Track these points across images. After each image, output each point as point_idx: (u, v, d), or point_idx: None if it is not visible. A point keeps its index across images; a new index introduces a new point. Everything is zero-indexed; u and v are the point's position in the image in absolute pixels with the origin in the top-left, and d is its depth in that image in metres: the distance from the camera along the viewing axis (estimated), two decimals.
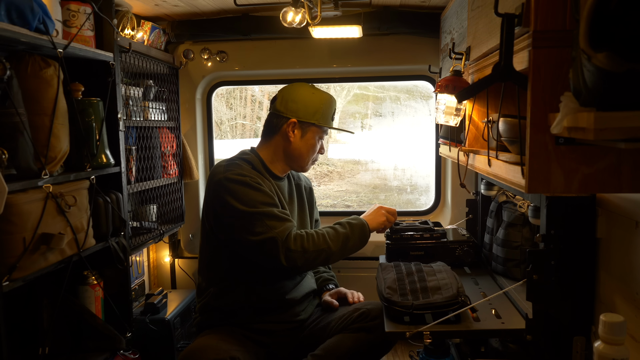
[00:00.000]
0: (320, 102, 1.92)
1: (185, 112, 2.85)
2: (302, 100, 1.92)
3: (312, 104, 1.92)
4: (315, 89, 1.96)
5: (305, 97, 1.93)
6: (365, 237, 1.88)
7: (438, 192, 2.90)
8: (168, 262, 2.91)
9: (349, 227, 1.85)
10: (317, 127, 1.92)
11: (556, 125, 0.82)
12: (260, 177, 1.84)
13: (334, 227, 1.85)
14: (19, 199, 1.46)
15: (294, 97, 1.94)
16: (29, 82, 1.54)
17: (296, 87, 1.97)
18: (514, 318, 1.49)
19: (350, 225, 1.86)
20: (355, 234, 1.85)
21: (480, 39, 1.45)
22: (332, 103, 1.97)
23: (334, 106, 1.98)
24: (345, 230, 1.84)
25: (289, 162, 1.97)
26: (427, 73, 2.64)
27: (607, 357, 0.95)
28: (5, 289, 1.42)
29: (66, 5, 1.76)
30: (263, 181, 1.83)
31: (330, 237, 1.80)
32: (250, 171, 1.83)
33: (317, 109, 1.91)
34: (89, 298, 1.94)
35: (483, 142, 1.54)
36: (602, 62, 0.65)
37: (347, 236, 1.83)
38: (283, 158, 1.96)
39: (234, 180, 1.77)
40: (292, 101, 1.93)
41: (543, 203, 1.38)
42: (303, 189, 2.11)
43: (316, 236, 1.78)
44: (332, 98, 1.97)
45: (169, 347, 2.38)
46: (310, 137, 1.93)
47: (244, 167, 1.83)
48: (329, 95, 1.97)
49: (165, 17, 2.57)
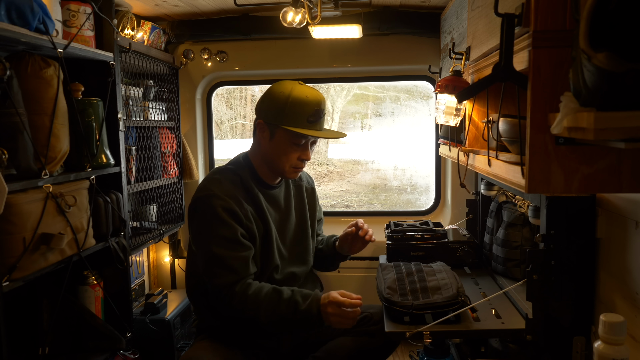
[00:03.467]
0: (286, 101, 1.65)
1: (185, 112, 2.85)
2: (270, 98, 1.70)
3: (278, 104, 1.66)
4: (293, 87, 1.67)
5: (274, 96, 1.68)
6: (312, 326, 1.60)
7: (438, 192, 2.90)
8: (168, 262, 2.91)
9: (293, 310, 1.58)
10: (284, 130, 1.66)
11: (556, 125, 0.82)
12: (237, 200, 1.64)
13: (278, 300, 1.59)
14: (19, 199, 1.46)
15: (265, 95, 1.73)
16: (29, 82, 1.54)
17: (276, 84, 1.73)
18: (514, 318, 1.49)
19: (296, 309, 1.58)
20: (299, 320, 1.58)
21: (480, 39, 1.45)
22: (306, 104, 1.65)
23: (310, 107, 1.65)
24: (286, 312, 1.58)
25: (269, 167, 1.76)
26: (427, 73, 2.64)
27: (607, 357, 0.95)
28: (5, 289, 1.42)
29: (66, 5, 1.77)
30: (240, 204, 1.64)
31: (266, 311, 1.58)
32: (230, 190, 1.65)
33: (281, 109, 1.65)
34: (89, 298, 1.94)
35: (483, 142, 1.54)
36: (602, 62, 0.65)
37: (286, 319, 1.59)
38: (263, 163, 1.76)
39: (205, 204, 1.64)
40: (261, 99, 1.74)
41: (543, 203, 1.38)
42: (304, 190, 1.93)
43: (251, 300, 1.58)
44: (307, 98, 1.66)
45: (169, 347, 2.38)
46: (280, 140, 1.68)
47: (222, 184, 1.66)
48: (305, 95, 1.66)
49: (165, 17, 2.57)
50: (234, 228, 1.61)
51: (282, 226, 1.81)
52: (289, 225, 1.84)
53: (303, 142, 1.70)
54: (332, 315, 1.55)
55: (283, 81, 1.72)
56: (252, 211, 1.68)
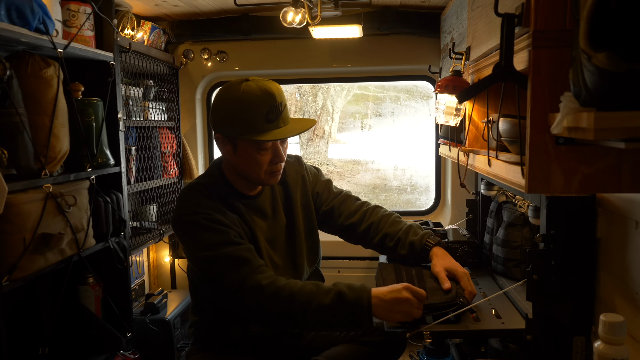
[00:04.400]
0: (236, 108, 1.46)
1: (185, 112, 2.85)
2: (219, 108, 1.51)
3: (228, 113, 1.48)
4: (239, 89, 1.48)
5: (222, 105, 1.50)
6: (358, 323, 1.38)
7: (438, 192, 2.90)
8: (168, 262, 2.91)
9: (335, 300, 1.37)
10: (244, 140, 1.49)
11: (556, 125, 0.82)
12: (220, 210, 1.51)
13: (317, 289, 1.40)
14: (19, 199, 1.46)
15: (213, 107, 1.54)
16: (29, 82, 1.54)
17: (219, 91, 1.54)
18: (514, 318, 1.48)
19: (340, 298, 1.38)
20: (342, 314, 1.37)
21: (480, 39, 1.45)
22: (259, 103, 1.46)
23: (264, 105, 1.46)
24: (327, 303, 1.37)
25: (245, 179, 1.59)
26: (427, 73, 2.64)
27: (607, 357, 0.95)
28: (5, 289, 1.42)
29: (66, 5, 1.77)
30: (223, 213, 1.51)
31: (301, 305, 1.37)
32: (208, 204, 1.51)
33: (232, 118, 1.47)
34: (89, 298, 1.94)
35: (483, 142, 1.54)
36: (602, 62, 0.65)
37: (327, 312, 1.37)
38: (237, 176, 1.60)
39: (186, 222, 1.50)
40: (212, 112, 1.54)
41: (543, 203, 1.38)
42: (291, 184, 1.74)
43: (283, 292, 1.38)
44: (260, 96, 1.46)
45: (169, 347, 2.38)
46: (243, 151, 1.51)
47: (200, 202, 1.51)
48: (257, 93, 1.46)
49: (165, 17, 2.57)
50: (224, 232, 1.47)
51: (272, 234, 1.67)
52: (279, 232, 1.69)
53: (271, 144, 1.53)
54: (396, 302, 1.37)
55: (229, 84, 1.51)
56: (238, 219, 1.56)
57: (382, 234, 1.72)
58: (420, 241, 1.65)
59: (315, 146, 4.64)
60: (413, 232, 1.69)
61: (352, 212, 1.78)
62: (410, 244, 1.66)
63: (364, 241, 1.79)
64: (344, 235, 1.82)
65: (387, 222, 1.74)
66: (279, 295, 1.39)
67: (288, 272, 1.69)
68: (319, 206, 1.80)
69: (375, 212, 1.79)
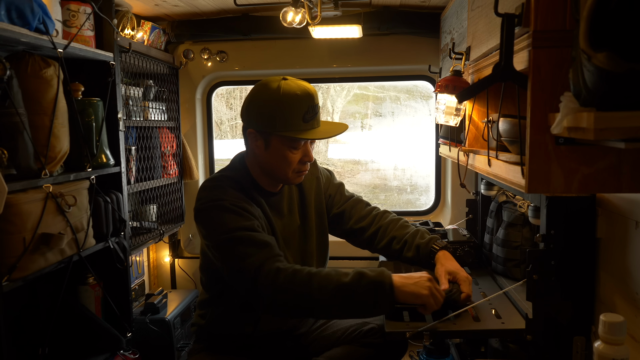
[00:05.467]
0: (277, 104, 1.49)
1: (185, 112, 2.85)
2: (257, 104, 1.54)
3: (267, 109, 1.51)
4: (280, 86, 1.52)
5: (262, 100, 1.53)
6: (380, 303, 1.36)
7: (438, 192, 2.90)
8: (168, 262, 2.91)
9: (356, 279, 1.37)
10: (279, 137, 1.52)
11: (556, 125, 0.82)
12: (246, 201, 1.53)
13: (336, 272, 1.41)
14: (19, 199, 1.46)
15: (249, 101, 1.57)
16: (29, 82, 1.54)
17: (256, 87, 1.58)
18: (514, 318, 1.48)
19: (361, 277, 1.37)
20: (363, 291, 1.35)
21: (480, 39, 1.45)
22: (299, 102, 1.50)
23: (303, 104, 1.51)
24: (347, 281, 1.36)
25: (269, 176, 1.62)
26: (427, 73, 2.64)
27: (607, 357, 0.95)
28: (5, 289, 1.42)
29: (66, 5, 1.77)
30: (249, 204, 1.53)
31: (320, 283, 1.37)
32: (234, 194, 1.53)
33: (272, 114, 1.50)
34: (89, 298, 1.94)
35: (483, 142, 1.54)
36: (602, 62, 0.65)
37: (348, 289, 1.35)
38: (262, 172, 1.62)
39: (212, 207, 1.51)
40: (247, 106, 1.57)
41: (543, 203, 1.38)
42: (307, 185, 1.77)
43: (300, 275, 1.38)
44: (298, 95, 1.50)
45: (169, 347, 2.38)
46: (276, 147, 1.54)
47: (227, 191, 1.54)
48: (295, 92, 1.51)
49: (165, 17, 2.58)
50: (249, 218, 1.49)
51: (286, 233, 1.69)
52: (293, 231, 1.71)
53: (303, 143, 1.57)
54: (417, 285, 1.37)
55: (266, 81, 1.55)
56: (261, 213, 1.58)
57: (389, 237, 1.74)
58: (427, 244, 1.65)
59: (316, 146, 4.64)
60: (420, 235, 1.70)
61: (362, 217, 1.80)
62: (416, 247, 1.67)
63: (371, 245, 1.80)
64: (352, 238, 1.84)
65: (395, 226, 1.76)
66: (296, 277, 1.38)
67: None
68: (330, 208, 1.82)
69: (385, 216, 1.81)
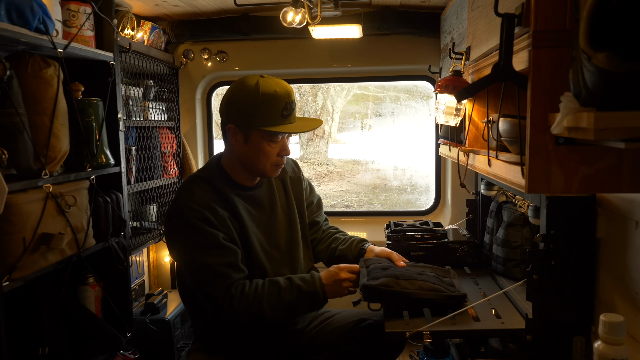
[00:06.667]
0: (257, 100, 1.57)
1: (185, 112, 2.85)
2: (238, 100, 1.61)
3: (247, 105, 1.58)
4: (259, 84, 1.59)
5: (242, 96, 1.60)
6: (317, 306, 1.64)
7: (438, 192, 2.90)
8: (168, 262, 2.91)
9: (296, 294, 1.58)
10: (259, 131, 1.60)
11: (556, 125, 0.82)
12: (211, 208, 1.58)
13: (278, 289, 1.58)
14: (19, 199, 1.46)
15: (228, 98, 1.64)
16: (29, 82, 1.54)
17: (234, 84, 1.64)
18: (514, 318, 1.49)
19: (300, 292, 1.59)
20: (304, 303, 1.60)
21: (480, 39, 1.45)
22: (277, 98, 1.58)
23: (281, 100, 1.59)
24: (290, 298, 1.58)
25: (248, 171, 1.70)
26: (427, 73, 2.64)
27: (607, 357, 0.95)
28: (5, 289, 1.42)
29: (66, 5, 1.77)
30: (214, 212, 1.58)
31: (269, 303, 1.56)
32: (203, 199, 1.59)
33: (252, 109, 1.57)
34: (89, 298, 1.94)
35: (483, 142, 1.54)
36: (602, 62, 0.65)
37: (292, 305, 1.59)
38: (240, 166, 1.69)
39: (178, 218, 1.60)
40: (227, 103, 1.64)
41: (543, 203, 1.38)
42: (288, 181, 1.86)
43: (251, 297, 1.55)
44: (277, 92, 1.58)
45: (169, 347, 2.38)
46: (255, 142, 1.61)
47: (195, 196, 1.60)
48: (274, 89, 1.59)
49: (165, 17, 2.58)
50: (213, 234, 1.57)
51: (268, 226, 1.75)
52: (277, 225, 1.77)
53: (280, 138, 1.65)
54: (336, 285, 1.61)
55: (245, 79, 1.63)
56: (228, 216, 1.63)
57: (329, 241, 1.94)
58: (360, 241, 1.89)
59: (315, 146, 4.64)
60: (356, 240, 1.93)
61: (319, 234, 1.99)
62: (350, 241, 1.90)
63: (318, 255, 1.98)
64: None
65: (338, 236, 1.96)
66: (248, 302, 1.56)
67: (285, 264, 1.76)
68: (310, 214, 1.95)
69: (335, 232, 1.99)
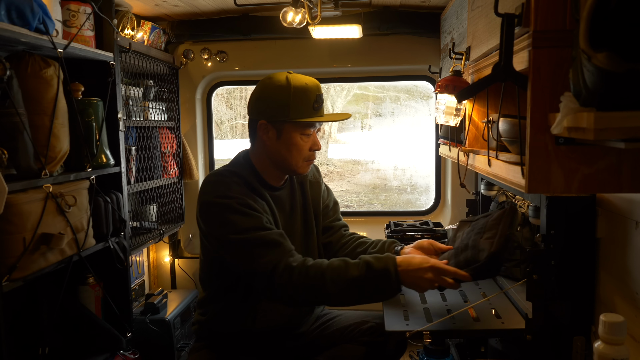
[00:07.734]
0: (289, 94, 1.59)
1: (185, 112, 2.85)
2: (269, 96, 1.63)
3: (280, 99, 1.60)
4: (289, 78, 1.62)
5: (273, 92, 1.62)
6: (386, 292, 1.48)
7: (438, 192, 2.90)
8: (168, 262, 2.91)
9: (365, 270, 1.46)
10: (292, 124, 1.62)
11: (556, 125, 0.82)
12: (251, 197, 1.58)
13: (346, 264, 1.49)
14: (19, 199, 1.46)
15: (259, 95, 1.66)
16: (29, 82, 1.54)
17: (263, 81, 1.66)
18: (514, 318, 1.49)
19: (369, 267, 1.46)
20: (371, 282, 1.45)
21: (480, 39, 1.45)
22: (308, 91, 1.62)
23: (312, 93, 1.62)
24: (358, 273, 1.46)
25: (278, 168, 1.69)
26: (427, 73, 2.64)
27: (607, 357, 0.95)
28: (5, 289, 1.42)
29: (66, 5, 1.77)
30: (254, 200, 1.58)
31: (332, 277, 1.46)
32: (239, 190, 1.58)
33: (285, 103, 1.59)
34: (89, 298, 1.94)
35: (483, 142, 1.53)
36: (602, 62, 0.65)
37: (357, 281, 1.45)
38: (270, 164, 1.69)
39: (218, 205, 1.56)
40: (257, 100, 1.66)
41: (543, 203, 1.38)
42: (308, 185, 1.85)
43: (313, 270, 1.47)
44: (307, 85, 1.62)
45: (169, 347, 2.38)
46: (288, 136, 1.63)
47: (231, 187, 1.58)
48: (304, 82, 1.63)
49: (165, 17, 2.58)
50: (257, 217, 1.54)
51: (288, 228, 1.73)
52: (295, 226, 1.77)
53: (312, 131, 1.67)
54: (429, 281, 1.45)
55: (272, 76, 1.65)
56: (266, 206, 1.63)
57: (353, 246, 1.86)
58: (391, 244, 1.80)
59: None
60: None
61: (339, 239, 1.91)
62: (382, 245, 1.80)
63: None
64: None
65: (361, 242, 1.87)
66: (309, 273, 1.47)
67: None
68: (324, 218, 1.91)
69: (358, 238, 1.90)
